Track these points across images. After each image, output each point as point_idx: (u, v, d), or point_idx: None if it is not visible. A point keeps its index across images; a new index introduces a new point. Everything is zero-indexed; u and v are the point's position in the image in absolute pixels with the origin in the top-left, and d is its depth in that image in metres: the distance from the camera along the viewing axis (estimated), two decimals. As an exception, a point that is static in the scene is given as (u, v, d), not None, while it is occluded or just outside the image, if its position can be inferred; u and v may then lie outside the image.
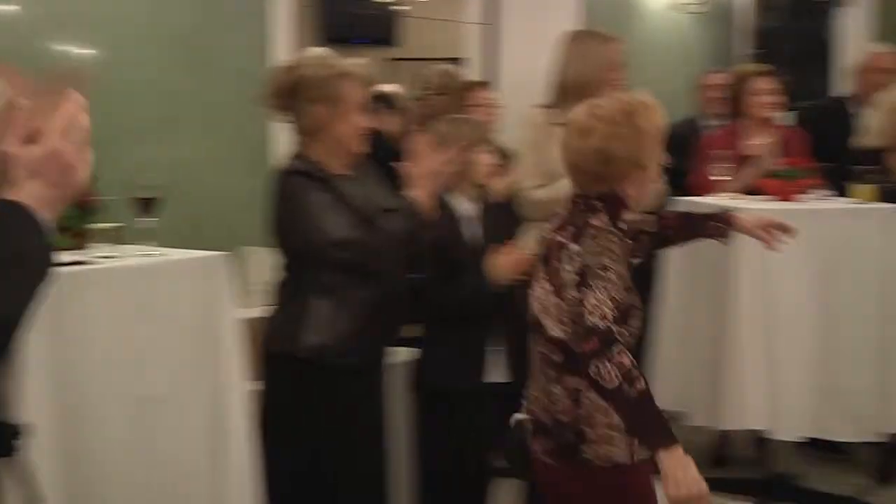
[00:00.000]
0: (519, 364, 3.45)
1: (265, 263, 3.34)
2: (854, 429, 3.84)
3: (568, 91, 3.73)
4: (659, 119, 2.49)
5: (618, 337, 2.33)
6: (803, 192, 4.07)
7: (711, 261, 3.80)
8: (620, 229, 2.49)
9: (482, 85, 5.10)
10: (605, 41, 3.78)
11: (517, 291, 3.25)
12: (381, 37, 8.59)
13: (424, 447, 3.40)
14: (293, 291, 3.05)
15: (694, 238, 2.94)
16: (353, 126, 3.04)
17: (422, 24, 8.11)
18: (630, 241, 2.54)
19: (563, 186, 3.70)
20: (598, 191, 2.48)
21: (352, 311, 2.99)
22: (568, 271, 2.40)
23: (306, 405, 3.00)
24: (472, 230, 3.41)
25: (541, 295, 2.52)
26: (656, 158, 2.50)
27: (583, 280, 2.36)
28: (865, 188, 4.06)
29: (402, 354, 3.42)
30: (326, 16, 8.36)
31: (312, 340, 2.97)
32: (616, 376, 2.29)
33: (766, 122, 4.62)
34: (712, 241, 2.94)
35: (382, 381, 3.19)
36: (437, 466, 3.36)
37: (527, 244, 3.62)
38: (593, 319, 2.32)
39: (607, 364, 2.29)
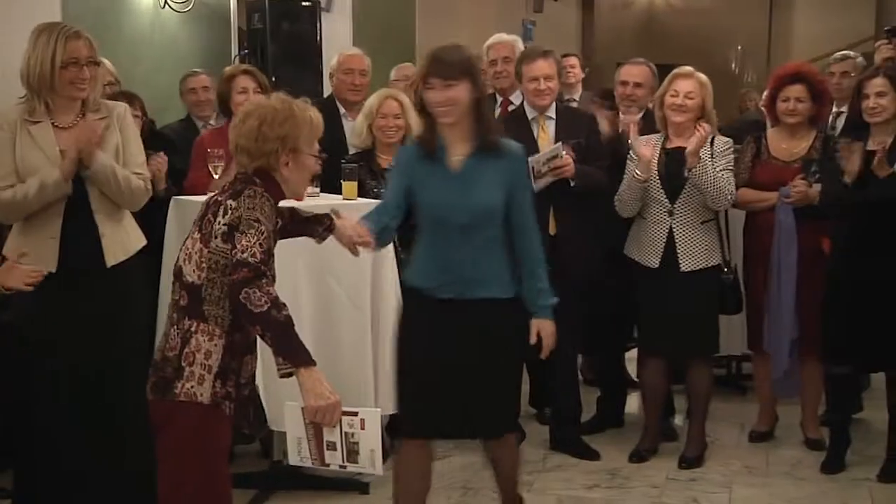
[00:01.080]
0: (5, 381, 3.24)
1: None
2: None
3: (31, 86, 3.59)
4: (314, 114, 2.90)
5: (266, 272, 2.66)
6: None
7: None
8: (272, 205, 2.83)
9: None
10: (63, 37, 3.58)
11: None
12: None
13: None
14: None
15: (301, 235, 3.24)
16: None
17: None
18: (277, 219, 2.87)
19: (28, 186, 3.49)
20: (256, 166, 2.82)
21: None
22: (220, 223, 2.73)
23: None
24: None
25: (188, 245, 2.80)
26: (310, 147, 2.87)
27: (235, 228, 2.69)
28: (351, 185, 4.31)
29: None
30: None
31: None
32: (265, 302, 2.62)
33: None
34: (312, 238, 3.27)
35: None
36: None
37: (14, 251, 3.39)
38: (245, 256, 2.64)
39: (257, 291, 2.61)
